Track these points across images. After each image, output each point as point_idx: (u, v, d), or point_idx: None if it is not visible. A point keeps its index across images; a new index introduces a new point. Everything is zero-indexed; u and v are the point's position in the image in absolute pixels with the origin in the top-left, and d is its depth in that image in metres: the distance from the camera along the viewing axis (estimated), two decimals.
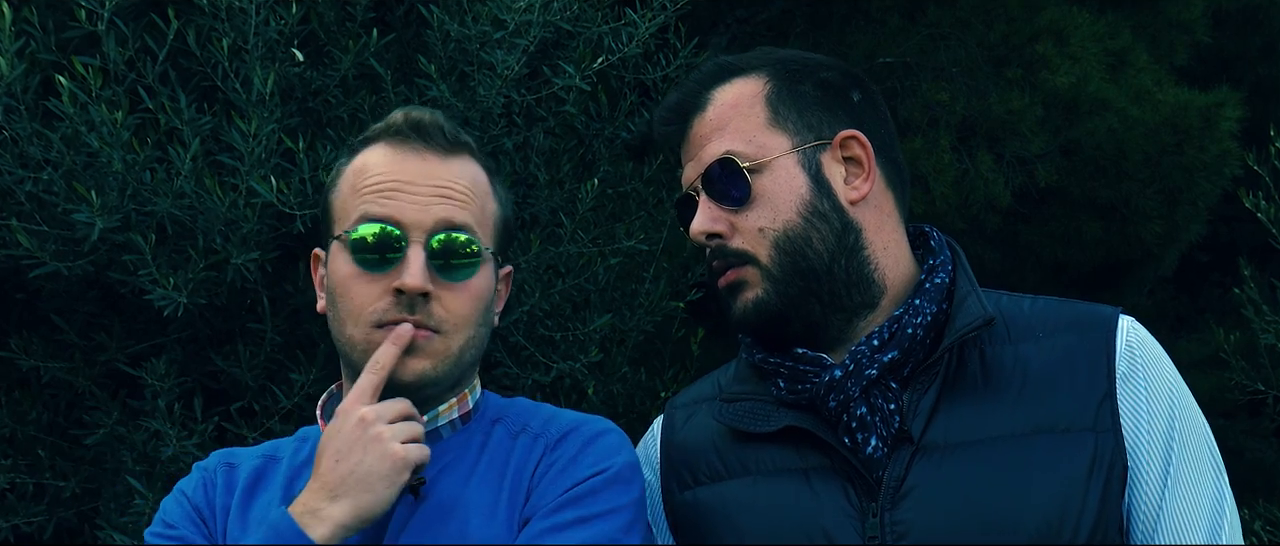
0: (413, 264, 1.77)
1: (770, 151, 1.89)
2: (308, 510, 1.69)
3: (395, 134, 1.85)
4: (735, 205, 1.88)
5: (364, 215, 1.80)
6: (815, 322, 1.88)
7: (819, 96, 1.92)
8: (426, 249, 1.79)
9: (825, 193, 1.88)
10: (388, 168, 1.82)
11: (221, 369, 3.47)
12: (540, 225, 3.74)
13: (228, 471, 1.90)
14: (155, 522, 1.87)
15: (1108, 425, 1.79)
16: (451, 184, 1.82)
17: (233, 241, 3.24)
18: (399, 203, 1.80)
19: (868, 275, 1.89)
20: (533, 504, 1.78)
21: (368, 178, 1.83)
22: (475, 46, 3.49)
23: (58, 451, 3.53)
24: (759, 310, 1.88)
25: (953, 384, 1.84)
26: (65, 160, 3.18)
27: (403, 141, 1.84)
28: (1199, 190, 6.02)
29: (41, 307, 3.47)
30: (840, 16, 5.60)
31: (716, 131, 1.91)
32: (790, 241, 1.86)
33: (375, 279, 1.79)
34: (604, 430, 1.86)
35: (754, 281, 1.88)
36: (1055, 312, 1.90)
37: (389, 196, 1.80)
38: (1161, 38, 6.43)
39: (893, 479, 1.79)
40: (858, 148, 1.91)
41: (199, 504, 1.87)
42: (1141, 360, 1.84)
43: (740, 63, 1.97)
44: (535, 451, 1.83)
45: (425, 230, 1.80)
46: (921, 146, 5.35)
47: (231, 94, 3.31)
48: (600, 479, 1.78)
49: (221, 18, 3.31)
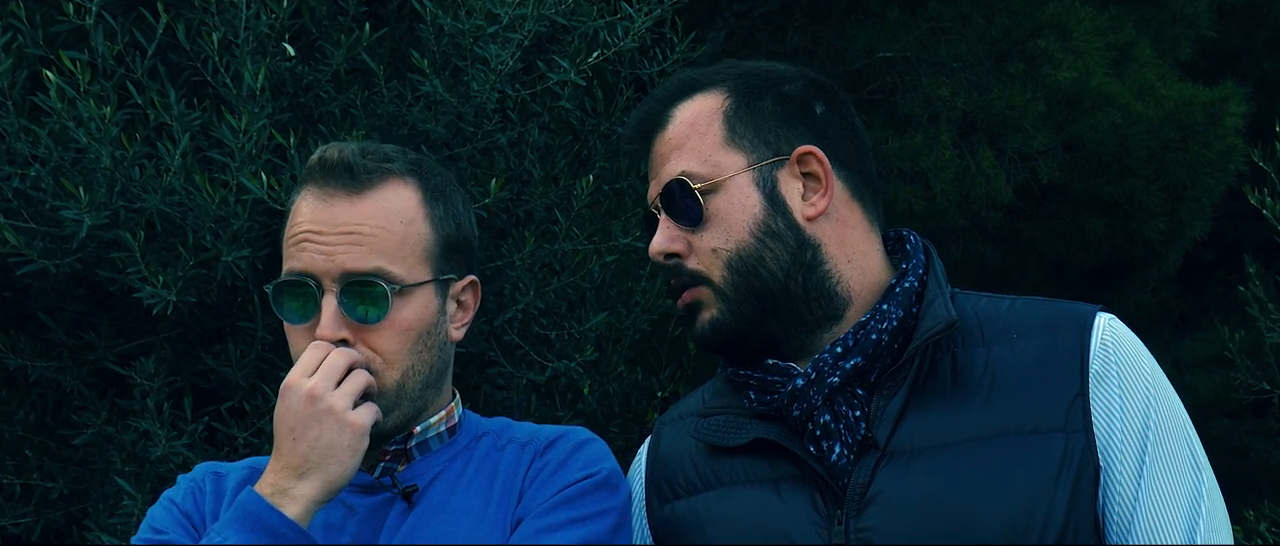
0: (325, 314, 1.83)
1: (724, 171, 1.90)
2: (277, 490, 1.75)
3: (310, 177, 1.89)
4: (691, 226, 1.91)
5: (286, 268, 1.88)
6: (774, 338, 1.90)
7: (779, 111, 1.93)
8: (338, 297, 1.84)
9: (780, 211, 1.90)
10: (304, 216, 1.87)
11: (212, 368, 3.45)
12: (535, 222, 3.74)
13: (216, 480, 1.95)
14: (143, 530, 1.91)
15: (1078, 425, 1.79)
16: (357, 227, 1.86)
17: (223, 238, 3.22)
18: (310, 254, 1.85)
19: (829, 289, 1.90)
20: (525, 505, 1.85)
21: (291, 227, 1.89)
22: (469, 41, 3.47)
23: (45, 451, 3.51)
24: (716, 330, 1.91)
25: (922, 388, 1.85)
26: (53, 156, 3.17)
27: (318, 184, 1.88)
28: (1203, 187, 6.01)
29: (29, 306, 3.45)
30: (840, 11, 5.58)
31: (675, 151, 1.93)
32: (743, 262, 1.88)
33: (303, 329, 1.86)
34: (589, 438, 1.94)
35: (709, 302, 1.91)
36: (1032, 314, 1.90)
37: (302, 248, 1.86)
38: (1165, 32, 6.42)
39: (858, 485, 1.81)
40: (815, 163, 1.92)
41: (188, 510, 1.91)
42: (1116, 358, 1.83)
43: (703, 77, 1.98)
44: (524, 458, 1.90)
45: (334, 278, 1.84)
46: (922, 142, 5.34)
47: (222, 89, 3.30)
48: (590, 482, 1.86)
49: (211, 11, 3.30)
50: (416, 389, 1.88)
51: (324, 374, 1.77)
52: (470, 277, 1.98)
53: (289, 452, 1.75)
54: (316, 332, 1.82)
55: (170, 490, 1.96)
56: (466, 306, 1.97)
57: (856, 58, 5.43)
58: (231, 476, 1.95)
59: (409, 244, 1.88)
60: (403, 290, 1.85)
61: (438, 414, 1.94)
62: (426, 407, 1.93)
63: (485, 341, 3.64)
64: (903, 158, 5.20)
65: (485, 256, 3.66)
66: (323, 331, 1.82)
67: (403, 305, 1.85)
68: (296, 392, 1.77)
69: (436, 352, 1.91)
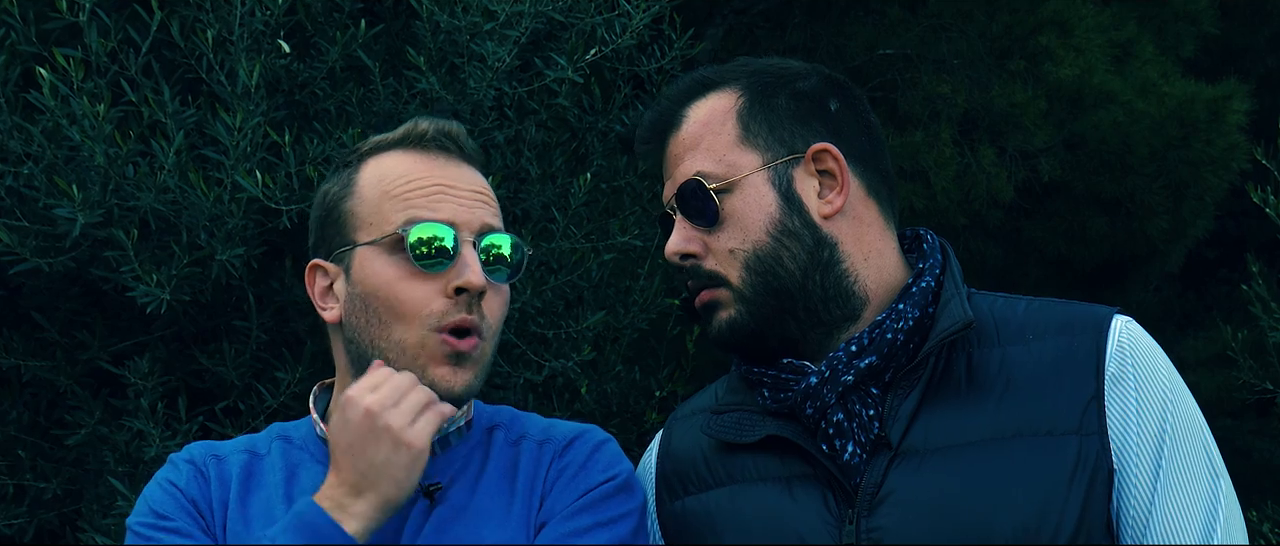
0: (472, 262, 1.82)
1: (740, 170, 1.89)
2: (336, 505, 1.72)
3: (422, 142, 1.89)
4: (707, 226, 1.90)
5: (412, 218, 1.83)
6: (793, 339, 1.89)
7: (793, 109, 1.92)
8: (477, 250, 1.85)
9: (796, 209, 1.88)
10: (426, 172, 1.87)
11: (206, 367, 3.44)
12: (532, 220, 3.73)
13: (218, 463, 1.89)
14: (142, 513, 1.83)
15: (1093, 428, 1.78)
16: (485, 190, 1.90)
17: (217, 237, 3.21)
18: (449, 205, 1.85)
19: (847, 288, 1.89)
20: (548, 508, 1.84)
21: (406, 182, 1.86)
22: (465, 38, 3.46)
23: (38, 452, 3.50)
24: (733, 330, 1.90)
25: (936, 388, 1.83)
26: (46, 154, 3.15)
27: (431, 149, 1.89)
28: (1206, 185, 6.00)
29: (22, 305, 3.44)
30: (839, 8, 5.57)
31: (689, 151, 1.92)
32: (761, 262, 1.87)
33: (429, 280, 1.82)
34: (606, 438, 1.94)
35: (727, 302, 1.90)
36: (1048, 315, 1.89)
37: (437, 199, 1.85)
38: (1167, 29, 6.41)
39: (870, 485, 1.80)
40: (831, 161, 1.90)
41: (195, 497, 1.85)
42: (1133, 361, 1.82)
43: (716, 76, 1.97)
44: (543, 457, 1.88)
45: (474, 231, 1.85)
46: (922, 140, 5.33)
47: (216, 86, 3.28)
48: (612, 485, 1.85)
49: (206, 8, 3.29)
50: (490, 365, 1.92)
51: (387, 391, 1.75)
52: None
53: (347, 469, 1.73)
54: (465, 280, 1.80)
55: (167, 471, 1.88)
56: None
57: (856, 55, 5.42)
58: (231, 459, 1.89)
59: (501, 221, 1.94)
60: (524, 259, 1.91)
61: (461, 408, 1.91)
62: None
63: None
64: (903, 156, 5.19)
65: None
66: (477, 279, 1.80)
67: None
68: (355, 407, 1.74)
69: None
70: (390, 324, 1.82)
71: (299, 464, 1.87)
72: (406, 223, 1.82)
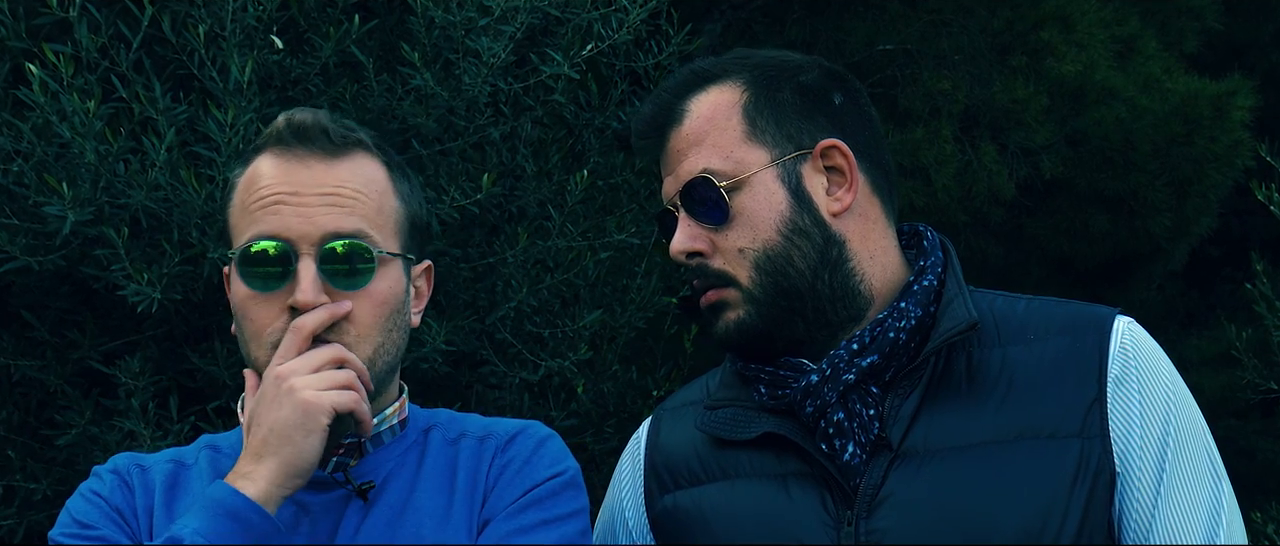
0: (303, 279, 1.75)
1: (748, 167, 1.86)
2: (238, 473, 1.71)
3: (278, 141, 1.82)
4: (714, 224, 1.86)
5: (253, 234, 1.79)
6: (798, 339, 1.87)
7: (798, 103, 1.88)
8: (317, 261, 1.76)
9: (806, 207, 1.86)
10: (272, 179, 1.81)
11: (198, 367, 3.42)
12: (528, 218, 3.71)
13: (142, 472, 1.87)
14: (65, 524, 1.82)
15: (1095, 431, 1.77)
16: (338, 189, 1.79)
17: (209, 235, 3.19)
18: (283, 216, 1.77)
19: (853, 287, 1.86)
20: (491, 505, 1.80)
21: (253, 192, 1.81)
22: (460, 33, 3.44)
23: (29, 452, 3.48)
24: (741, 331, 1.87)
25: (937, 388, 1.81)
26: (36, 151, 3.13)
27: (286, 148, 1.81)
28: (1210, 182, 5.98)
29: (11, 304, 3.42)
30: (839, 2, 5.57)
31: (693, 146, 1.88)
32: (771, 261, 1.84)
33: (270, 298, 1.78)
34: (550, 434, 1.88)
35: (736, 303, 1.87)
36: (1050, 314, 1.87)
37: (274, 211, 1.78)
38: (1171, 24, 6.40)
39: (870, 486, 1.78)
40: (839, 157, 1.88)
41: (119, 505, 1.83)
42: (1136, 363, 1.81)
43: (716, 68, 1.93)
44: (485, 453, 1.84)
45: (314, 242, 1.77)
46: (923, 137, 5.31)
47: (208, 82, 3.26)
48: (558, 482, 1.81)
49: (198, 4, 3.26)
50: (383, 371, 1.83)
51: (302, 358, 1.71)
52: (427, 262, 1.95)
53: (252, 438, 1.72)
54: (295, 297, 1.74)
55: (91, 482, 1.87)
56: (421, 294, 1.93)
57: (856, 50, 5.40)
58: (155, 469, 1.87)
59: (385, 213, 1.83)
60: (383, 259, 1.80)
61: (392, 404, 1.88)
62: (381, 395, 1.86)
63: (477, 340, 3.62)
64: (903, 152, 5.18)
65: (478, 253, 3.63)
66: (302, 297, 1.73)
67: (380, 276, 1.80)
68: (269, 373, 1.73)
69: (402, 334, 1.86)
70: (248, 341, 1.82)
71: (226, 471, 1.82)
72: (249, 238, 1.79)
